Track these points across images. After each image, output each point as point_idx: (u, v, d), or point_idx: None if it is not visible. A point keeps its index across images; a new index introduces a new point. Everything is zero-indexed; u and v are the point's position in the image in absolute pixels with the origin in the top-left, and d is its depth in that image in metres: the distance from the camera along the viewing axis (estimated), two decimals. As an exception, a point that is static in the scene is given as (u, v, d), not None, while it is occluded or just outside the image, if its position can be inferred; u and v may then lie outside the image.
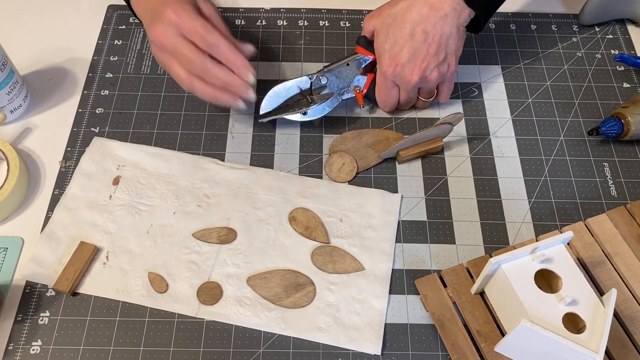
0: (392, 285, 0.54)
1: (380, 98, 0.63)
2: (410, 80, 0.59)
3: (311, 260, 0.55)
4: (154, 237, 0.56)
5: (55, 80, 0.68)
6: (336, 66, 0.62)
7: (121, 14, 0.74)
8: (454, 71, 0.61)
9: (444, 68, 0.60)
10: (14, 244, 0.56)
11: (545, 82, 0.69)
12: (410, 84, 0.60)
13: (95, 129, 0.64)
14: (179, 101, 0.66)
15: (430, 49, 0.58)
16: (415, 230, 0.58)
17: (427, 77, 0.59)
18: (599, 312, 0.45)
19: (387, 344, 0.51)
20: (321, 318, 0.52)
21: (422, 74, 0.59)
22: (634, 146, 0.64)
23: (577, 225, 0.56)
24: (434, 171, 0.62)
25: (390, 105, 0.63)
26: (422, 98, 0.63)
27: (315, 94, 0.63)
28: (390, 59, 0.59)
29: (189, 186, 0.59)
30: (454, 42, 0.59)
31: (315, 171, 0.61)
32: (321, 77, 0.62)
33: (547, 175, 0.61)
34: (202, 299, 0.53)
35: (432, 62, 0.58)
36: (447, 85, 0.63)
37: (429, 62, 0.58)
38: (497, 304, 0.51)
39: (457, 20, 0.58)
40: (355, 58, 0.62)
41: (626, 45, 0.72)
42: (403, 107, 0.65)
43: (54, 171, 0.61)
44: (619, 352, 0.49)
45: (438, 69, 0.59)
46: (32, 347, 0.51)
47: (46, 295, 0.53)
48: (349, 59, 0.62)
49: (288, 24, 0.74)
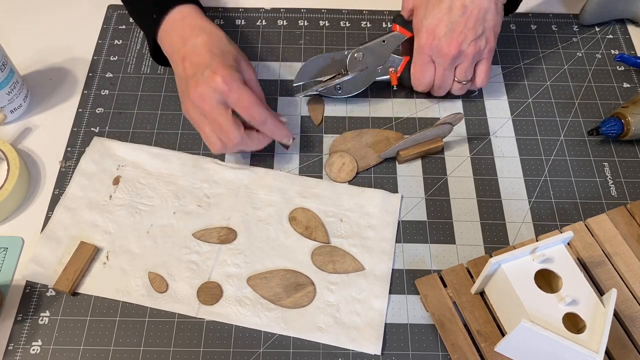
0: (392, 285, 0.54)
1: (415, 74, 0.62)
2: (447, 53, 0.58)
3: (311, 260, 0.55)
4: (154, 237, 0.56)
5: (55, 80, 0.68)
6: (372, 44, 0.62)
7: (121, 14, 0.74)
8: (492, 48, 0.60)
9: (482, 43, 0.59)
10: (14, 244, 0.56)
11: (545, 82, 0.69)
12: (447, 57, 0.59)
13: (95, 128, 0.64)
14: (179, 101, 0.66)
15: (468, 22, 0.57)
16: (415, 230, 0.58)
17: (464, 51, 0.59)
18: (599, 312, 0.45)
19: (387, 344, 0.52)
20: (321, 318, 0.52)
21: (459, 47, 0.58)
22: (634, 146, 0.64)
23: (577, 225, 0.56)
24: (434, 171, 0.62)
25: (425, 83, 0.62)
26: (458, 78, 0.61)
27: (351, 71, 0.62)
28: (428, 33, 0.58)
29: (189, 186, 0.59)
30: (492, 17, 0.58)
31: (315, 171, 0.61)
32: (356, 54, 0.62)
33: (547, 175, 0.61)
34: (202, 299, 0.53)
35: (469, 35, 0.58)
36: (484, 64, 0.61)
37: (466, 36, 0.58)
38: (497, 304, 0.51)
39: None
40: (391, 36, 0.62)
41: (626, 45, 0.72)
42: (437, 91, 0.63)
43: (54, 171, 0.61)
44: (619, 352, 0.49)
45: (475, 43, 0.58)
46: (32, 347, 0.51)
47: (46, 295, 0.53)
48: (386, 37, 0.62)
49: (288, 24, 0.74)
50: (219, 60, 0.54)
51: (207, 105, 0.53)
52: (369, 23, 0.74)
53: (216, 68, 0.53)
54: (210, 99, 0.53)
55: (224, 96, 0.53)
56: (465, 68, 0.61)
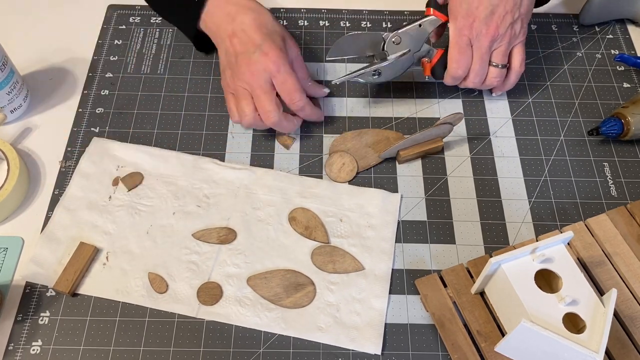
0: (392, 285, 0.54)
1: (453, 58, 0.60)
2: (487, 34, 0.58)
3: (311, 260, 0.55)
4: (154, 238, 0.56)
5: (55, 80, 0.68)
6: (409, 28, 0.61)
7: (121, 14, 0.74)
8: (526, 33, 0.61)
9: (517, 26, 0.59)
10: (14, 244, 0.56)
11: (545, 82, 0.69)
12: (487, 39, 0.59)
13: (95, 128, 0.64)
14: (179, 101, 0.66)
15: (507, 6, 0.58)
16: (415, 230, 0.58)
17: (503, 35, 0.59)
18: (599, 312, 0.45)
19: (387, 344, 0.51)
20: (321, 318, 0.52)
21: (498, 29, 0.58)
22: (634, 146, 0.64)
23: (577, 225, 0.56)
24: (434, 171, 0.62)
25: (463, 68, 0.61)
26: (495, 62, 0.61)
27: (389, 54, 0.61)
28: (468, 14, 0.58)
29: (188, 186, 0.59)
30: (527, 4, 0.59)
31: (315, 171, 0.61)
32: (393, 38, 0.61)
33: (547, 175, 0.61)
34: (202, 299, 0.53)
35: (507, 18, 0.58)
36: (520, 47, 0.62)
37: (505, 18, 0.58)
38: (497, 304, 0.51)
39: None
40: (427, 20, 0.61)
41: (626, 45, 0.72)
42: (473, 79, 0.62)
43: (54, 171, 0.61)
44: (619, 352, 0.49)
45: (512, 26, 0.59)
46: (32, 347, 0.51)
47: (46, 295, 0.53)
48: (421, 21, 0.61)
49: (288, 24, 0.74)
50: (270, 41, 0.58)
51: (256, 83, 0.57)
52: (369, 23, 0.74)
53: (267, 50, 0.57)
54: (260, 78, 0.57)
55: (272, 76, 0.57)
56: (503, 51, 0.61)
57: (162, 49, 0.71)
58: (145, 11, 0.74)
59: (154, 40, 0.72)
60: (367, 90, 0.67)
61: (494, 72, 0.62)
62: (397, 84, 0.68)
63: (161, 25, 0.73)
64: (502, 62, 0.61)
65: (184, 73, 0.69)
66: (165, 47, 0.71)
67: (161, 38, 0.72)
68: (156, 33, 0.72)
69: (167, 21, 0.72)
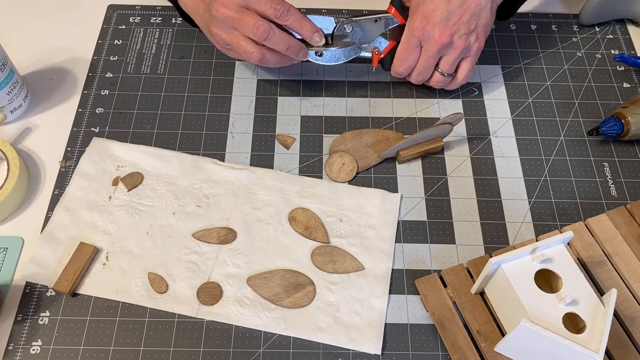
0: (392, 285, 0.54)
1: (400, 55, 0.61)
2: (438, 40, 0.58)
3: (311, 260, 0.55)
4: (154, 238, 0.56)
5: (55, 80, 0.68)
6: (364, 19, 0.61)
7: (121, 14, 0.74)
8: (480, 48, 0.61)
9: (472, 38, 0.59)
10: (14, 244, 0.56)
11: (545, 82, 0.69)
12: (436, 44, 0.59)
13: (95, 128, 0.64)
14: (179, 101, 0.66)
15: (464, 16, 0.58)
16: (415, 230, 0.58)
17: (454, 43, 0.59)
18: (599, 312, 0.45)
19: (387, 344, 0.51)
20: (321, 318, 0.52)
21: (451, 37, 0.58)
22: (634, 146, 0.64)
23: (577, 225, 0.56)
24: (434, 171, 0.62)
25: (407, 66, 0.62)
26: (441, 69, 0.61)
27: (336, 40, 0.62)
28: (423, 17, 0.58)
29: (188, 186, 0.59)
30: (487, 16, 0.59)
31: (315, 171, 0.61)
32: (346, 24, 0.61)
33: (547, 175, 0.61)
34: (202, 299, 0.53)
35: (462, 28, 0.58)
36: (469, 61, 0.62)
37: (459, 27, 0.58)
38: (497, 304, 0.51)
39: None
40: (385, 17, 0.61)
41: (626, 45, 0.72)
42: (416, 78, 0.63)
43: (54, 171, 0.61)
44: (619, 352, 0.49)
45: (467, 37, 0.59)
46: (32, 347, 0.51)
47: (46, 295, 0.53)
48: (379, 16, 0.61)
49: (288, 24, 0.73)
50: None
51: (231, 11, 0.56)
52: (368, 23, 0.74)
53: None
54: (233, 5, 0.56)
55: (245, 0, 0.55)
56: (451, 61, 0.61)
57: (162, 49, 0.71)
58: (145, 11, 0.74)
59: (154, 40, 0.72)
60: (367, 90, 0.67)
61: (437, 77, 0.63)
62: (397, 84, 0.68)
63: (161, 25, 0.73)
64: (447, 72, 0.62)
65: (184, 73, 0.69)
66: (165, 47, 0.71)
67: (161, 38, 0.72)
68: (156, 33, 0.72)
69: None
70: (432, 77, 0.63)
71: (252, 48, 0.57)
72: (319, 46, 0.60)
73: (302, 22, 0.58)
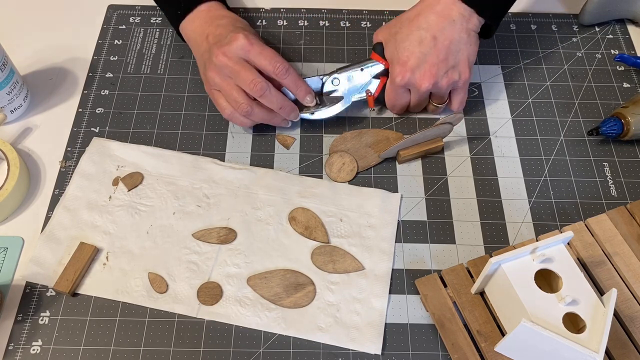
0: (392, 285, 0.54)
1: (390, 102, 0.63)
2: (422, 85, 0.58)
3: (311, 260, 0.55)
4: (154, 238, 0.56)
5: (55, 80, 0.68)
6: (350, 70, 0.62)
7: (121, 14, 0.74)
8: (467, 79, 0.60)
9: (455, 75, 0.59)
10: (14, 244, 0.56)
11: (545, 82, 0.69)
12: (421, 89, 0.59)
13: (95, 128, 0.64)
14: (179, 101, 0.66)
15: (440, 55, 0.57)
16: (415, 230, 0.58)
17: (438, 84, 0.59)
18: (599, 312, 0.45)
19: (387, 344, 0.51)
20: (321, 318, 0.52)
21: (434, 79, 0.58)
22: (634, 146, 0.64)
23: (577, 225, 0.56)
24: (434, 171, 0.62)
25: (399, 107, 0.63)
26: (434, 103, 0.62)
27: (326, 96, 0.63)
28: (401, 66, 0.58)
29: (188, 186, 0.59)
30: (466, 47, 0.58)
31: (315, 171, 0.61)
32: (333, 80, 0.62)
33: (547, 175, 0.61)
34: (202, 299, 0.53)
35: (442, 67, 0.58)
36: (460, 92, 0.62)
37: (439, 68, 0.58)
38: (497, 304, 0.51)
39: (466, 25, 0.57)
40: (370, 64, 0.62)
41: (626, 45, 0.72)
42: (414, 110, 0.64)
43: (54, 171, 0.61)
44: (619, 352, 0.49)
45: (448, 74, 0.58)
46: (32, 347, 0.51)
47: (46, 295, 0.53)
48: (364, 65, 0.62)
49: (288, 24, 0.74)
50: (240, 29, 0.59)
51: (231, 62, 0.57)
52: (369, 23, 0.74)
53: (238, 32, 0.58)
54: (234, 56, 0.57)
55: (246, 51, 0.57)
56: (441, 95, 0.62)
57: (162, 49, 0.71)
58: (145, 11, 0.74)
59: (154, 40, 0.72)
60: (367, 90, 0.67)
61: (432, 108, 0.64)
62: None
63: (161, 25, 0.73)
64: (440, 103, 0.63)
65: (184, 73, 0.69)
66: (165, 47, 0.71)
67: (161, 38, 0.72)
68: (156, 33, 0.72)
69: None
70: (428, 107, 0.64)
71: (242, 99, 0.58)
72: (310, 107, 0.62)
73: (299, 82, 0.59)
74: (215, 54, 0.57)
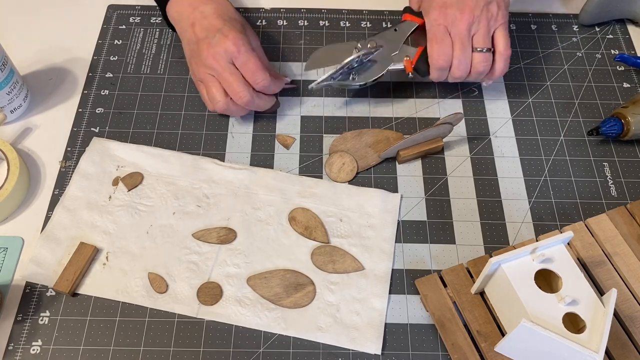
0: (392, 285, 0.54)
1: (434, 50, 0.59)
2: (462, 19, 0.58)
3: (311, 260, 0.55)
4: (154, 238, 0.56)
5: (55, 80, 0.68)
6: (384, 32, 0.62)
7: (121, 14, 0.74)
8: (505, 14, 0.60)
9: (494, 8, 0.59)
10: (14, 244, 0.56)
11: (545, 82, 0.69)
12: (462, 24, 0.58)
13: (95, 128, 0.64)
14: (179, 101, 0.66)
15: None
16: (415, 230, 0.58)
17: (478, 17, 0.58)
18: (599, 312, 0.45)
19: (387, 344, 0.51)
20: (321, 318, 0.52)
21: (472, 13, 0.58)
22: (634, 146, 0.64)
23: (577, 225, 0.56)
24: (434, 171, 0.62)
25: (444, 58, 0.59)
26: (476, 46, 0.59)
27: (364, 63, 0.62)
28: (438, 5, 0.59)
29: (188, 186, 0.59)
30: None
31: (315, 171, 0.61)
32: (369, 42, 0.61)
33: (547, 175, 0.61)
34: (202, 299, 0.53)
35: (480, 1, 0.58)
36: (501, 30, 0.60)
37: (477, 2, 0.58)
38: (497, 304, 0.51)
39: None
40: (403, 23, 0.62)
41: (626, 45, 0.72)
42: (457, 68, 0.60)
43: (54, 171, 0.61)
44: (619, 352, 0.49)
45: (487, 8, 0.58)
46: (32, 347, 0.51)
47: (46, 295, 0.53)
48: (397, 25, 0.62)
49: (288, 24, 0.74)
50: (229, 26, 0.59)
51: (220, 66, 0.58)
52: (369, 23, 0.74)
53: (227, 32, 0.58)
54: (222, 59, 0.58)
55: (233, 57, 0.58)
56: (483, 34, 0.59)
57: (162, 49, 0.71)
58: (145, 11, 0.74)
59: (154, 40, 0.72)
60: (367, 90, 0.67)
61: (478, 57, 0.59)
62: (398, 84, 0.68)
63: (161, 25, 0.73)
64: (485, 46, 0.59)
65: (184, 73, 0.69)
66: (165, 47, 0.71)
67: (161, 38, 0.72)
68: (156, 33, 0.72)
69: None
70: (474, 61, 0.60)
71: (220, 97, 0.59)
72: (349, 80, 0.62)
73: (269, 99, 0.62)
74: (204, 55, 0.58)
